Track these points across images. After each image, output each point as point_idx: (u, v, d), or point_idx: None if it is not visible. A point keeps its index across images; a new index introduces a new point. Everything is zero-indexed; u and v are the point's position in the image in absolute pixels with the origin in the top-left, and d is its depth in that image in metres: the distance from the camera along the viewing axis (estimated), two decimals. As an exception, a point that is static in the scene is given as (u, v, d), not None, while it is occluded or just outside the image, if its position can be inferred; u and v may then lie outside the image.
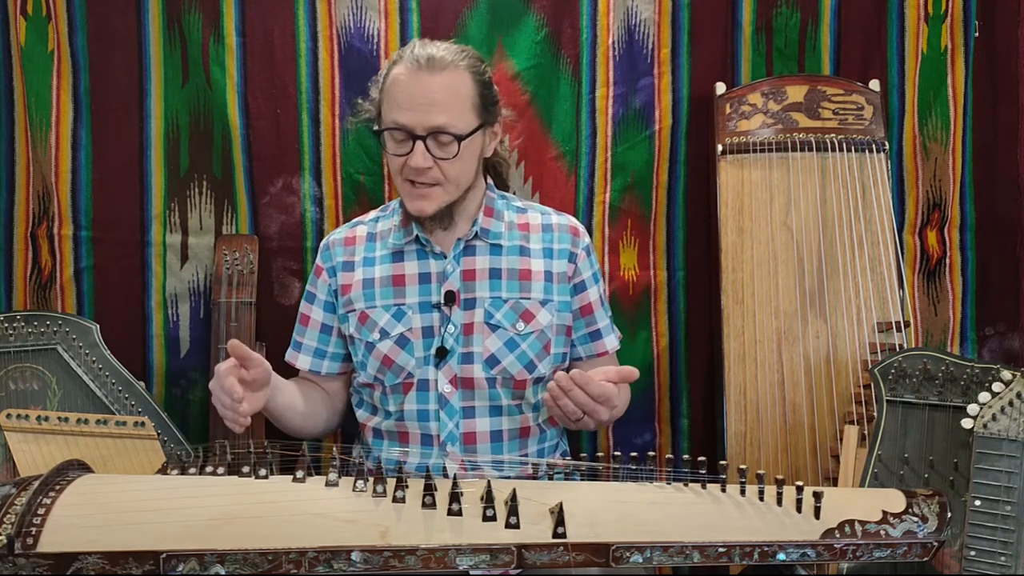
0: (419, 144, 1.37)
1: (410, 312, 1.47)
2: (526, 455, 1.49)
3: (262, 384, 1.31)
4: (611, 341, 1.59)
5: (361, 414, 1.55)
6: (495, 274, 1.49)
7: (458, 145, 1.38)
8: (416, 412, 1.46)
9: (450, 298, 1.46)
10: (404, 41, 1.82)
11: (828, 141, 1.79)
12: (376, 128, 1.44)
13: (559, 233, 1.55)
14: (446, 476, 1.06)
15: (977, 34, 1.88)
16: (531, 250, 1.52)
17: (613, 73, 1.86)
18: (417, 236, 1.49)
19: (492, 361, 1.45)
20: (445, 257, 1.49)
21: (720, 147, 1.81)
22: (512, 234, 1.53)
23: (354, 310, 1.50)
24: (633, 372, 1.34)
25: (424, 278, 1.49)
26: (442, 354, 1.45)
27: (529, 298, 1.49)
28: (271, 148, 1.83)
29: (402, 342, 1.46)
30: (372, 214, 1.60)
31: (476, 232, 1.49)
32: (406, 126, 1.38)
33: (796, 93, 1.82)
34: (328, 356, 1.57)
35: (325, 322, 1.56)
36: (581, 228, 1.58)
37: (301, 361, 1.57)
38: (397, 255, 1.51)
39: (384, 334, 1.47)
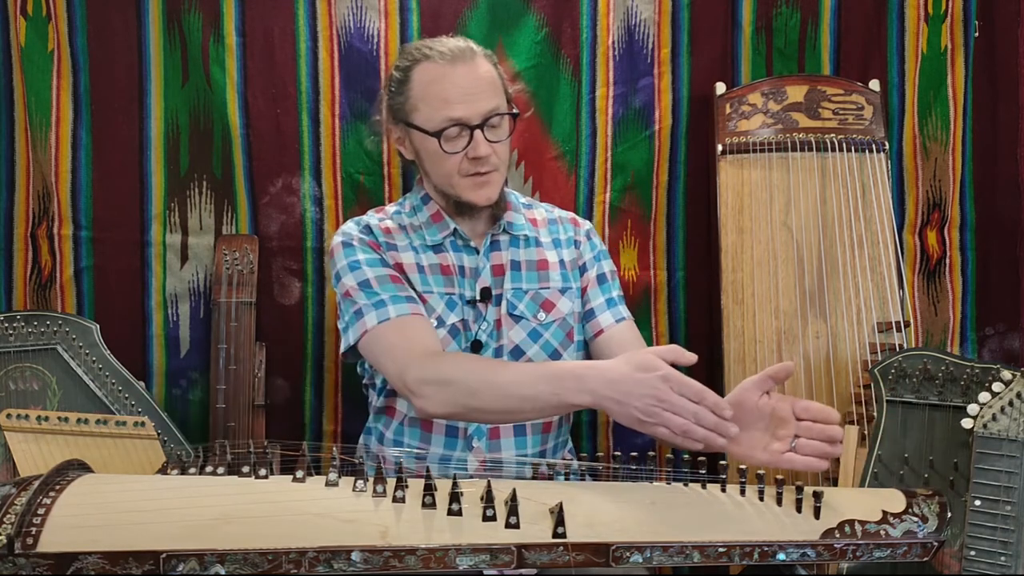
0: (478, 133, 1.38)
1: (460, 303, 1.46)
2: (545, 450, 1.49)
3: None
4: (606, 318, 1.51)
5: (384, 401, 1.51)
6: (515, 266, 1.50)
7: (510, 123, 1.43)
8: None
9: (486, 295, 1.46)
10: (404, 41, 1.82)
11: (828, 141, 1.79)
12: (431, 132, 1.39)
13: (563, 224, 1.58)
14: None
15: (977, 34, 1.88)
16: (543, 242, 1.54)
17: (613, 73, 1.86)
18: (455, 229, 1.49)
19: (517, 352, 1.46)
20: (477, 252, 1.49)
21: (720, 147, 1.81)
22: (528, 226, 1.55)
23: (415, 290, 1.45)
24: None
25: (461, 271, 1.49)
26: (476, 348, 1.44)
27: (548, 287, 1.50)
28: (271, 148, 1.83)
29: (454, 332, 1.45)
30: (390, 208, 1.56)
31: (503, 226, 1.50)
32: (462, 119, 1.37)
33: (796, 93, 1.82)
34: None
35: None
36: (580, 218, 1.62)
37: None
38: (437, 247, 1.50)
39: (440, 322, 1.44)
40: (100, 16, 1.80)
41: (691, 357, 1.15)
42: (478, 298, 1.46)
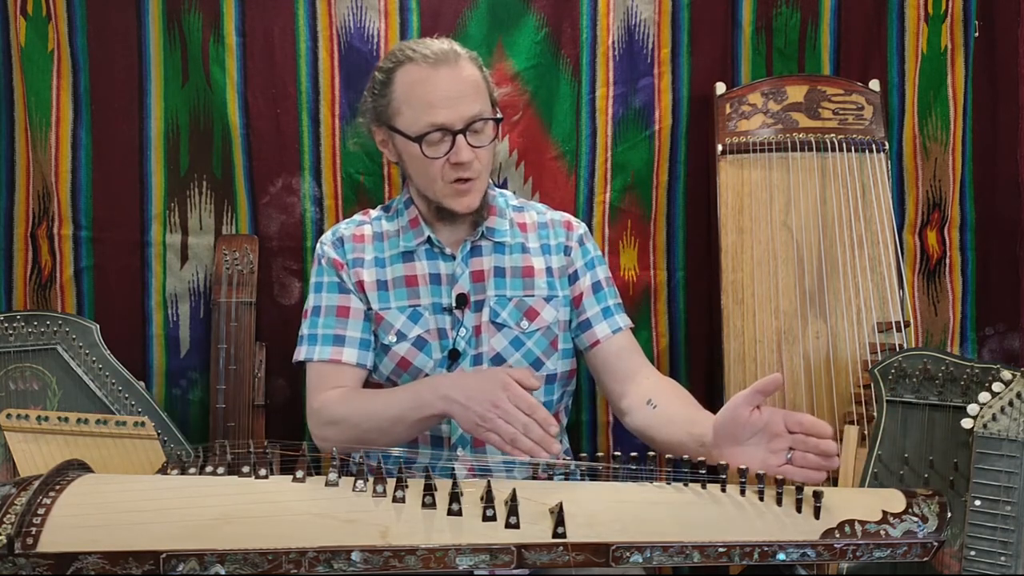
0: (460, 138, 1.35)
1: (426, 313, 1.45)
2: None
3: None
4: (602, 329, 1.50)
5: None
6: (499, 272, 1.48)
7: (495, 128, 1.40)
8: None
9: (461, 301, 1.44)
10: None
11: (828, 141, 1.79)
12: (412, 136, 1.37)
13: (554, 229, 1.54)
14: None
15: (977, 34, 1.88)
16: (531, 248, 1.51)
17: (613, 73, 1.86)
18: (429, 237, 1.47)
19: (498, 360, 1.44)
20: (454, 258, 1.48)
21: (720, 147, 1.81)
22: (514, 232, 1.52)
23: (370, 309, 1.47)
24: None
25: (434, 279, 1.47)
26: (455, 356, 1.43)
27: (533, 295, 1.48)
28: (271, 148, 1.83)
29: (420, 344, 1.44)
30: (374, 212, 1.56)
31: (482, 232, 1.48)
32: (445, 124, 1.35)
33: (796, 93, 1.82)
34: (370, 348, 1.47)
35: (366, 309, 1.47)
36: (575, 221, 1.57)
37: (348, 355, 1.44)
38: (407, 255, 1.48)
39: (401, 336, 1.44)
40: (100, 16, 1.80)
41: (535, 383, 1.23)
42: (454, 304, 1.45)
